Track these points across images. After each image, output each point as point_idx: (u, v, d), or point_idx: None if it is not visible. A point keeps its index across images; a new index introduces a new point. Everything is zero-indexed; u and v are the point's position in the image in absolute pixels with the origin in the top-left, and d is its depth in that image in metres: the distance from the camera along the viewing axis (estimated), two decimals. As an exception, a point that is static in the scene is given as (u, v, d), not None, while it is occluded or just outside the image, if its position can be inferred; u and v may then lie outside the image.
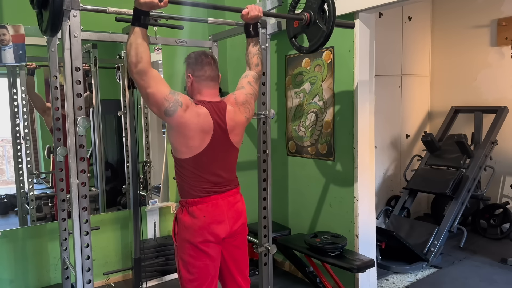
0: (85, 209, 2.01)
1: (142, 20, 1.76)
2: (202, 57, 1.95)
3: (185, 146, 1.86)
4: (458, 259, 3.72)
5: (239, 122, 2.00)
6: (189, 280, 1.93)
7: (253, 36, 2.15)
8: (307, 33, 2.29)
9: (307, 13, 2.23)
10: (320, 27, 2.18)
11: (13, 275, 3.09)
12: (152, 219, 3.63)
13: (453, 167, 4.09)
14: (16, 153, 3.29)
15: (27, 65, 3.20)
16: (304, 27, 2.27)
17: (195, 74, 1.94)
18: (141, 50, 1.73)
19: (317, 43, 2.20)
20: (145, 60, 1.73)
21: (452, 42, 4.81)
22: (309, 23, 2.23)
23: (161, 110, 1.78)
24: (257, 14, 2.04)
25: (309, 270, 3.04)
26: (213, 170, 1.93)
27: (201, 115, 1.85)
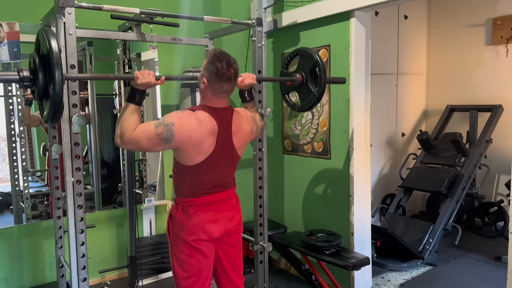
0: (80, 207, 2.01)
1: (138, 99, 1.82)
2: (224, 70, 1.83)
3: (198, 153, 1.85)
4: (453, 257, 3.74)
5: (244, 129, 2.01)
6: (183, 277, 1.94)
7: (248, 101, 2.21)
8: (299, 92, 2.41)
9: (299, 75, 2.34)
10: (311, 89, 2.29)
11: (8, 273, 3.08)
12: (148, 217, 3.63)
13: (448, 166, 4.11)
14: (11, 151, 3.27)
15: (25, 95, 3.20)
16: (296, 87, 2.38)
17: (211, 84, 1.86)
18: (125, 124, 1.76)
19: (308, 104, 2.34)
20: (129, 130, 1.75)
21: (447, 41, 4.83)
22: (301, 84, 2.34)
23: (163, 145, 1.79)
24: (251, 81, 2.11)
25: (305, 268, 3.06)
26: (214, 174, 1.93)
27: (202, 119, 1.84)
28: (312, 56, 2.28)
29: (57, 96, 1.58)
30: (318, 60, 2.24)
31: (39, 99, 1.72)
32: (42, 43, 1.61)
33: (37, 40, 1.70)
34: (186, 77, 2.77)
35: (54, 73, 1.55)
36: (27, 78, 1.64)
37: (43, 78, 1.63)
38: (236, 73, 1.90)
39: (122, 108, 1.84)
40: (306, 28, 3.18)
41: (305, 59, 2.33)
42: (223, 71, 1.83)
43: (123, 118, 1.77)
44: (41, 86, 1.64)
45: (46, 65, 1.61)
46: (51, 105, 1.61)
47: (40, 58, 1.63)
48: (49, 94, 1.62)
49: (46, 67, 1.61)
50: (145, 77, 1.79)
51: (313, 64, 2.26)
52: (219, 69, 1.83)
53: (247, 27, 2.62)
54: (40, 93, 1.67)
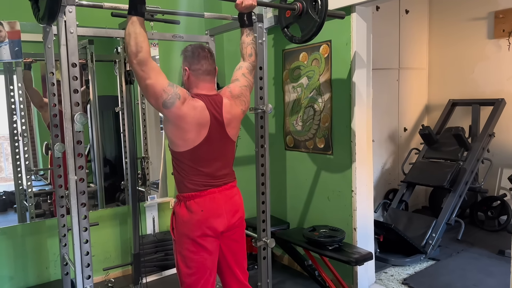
0: (84, 205, 2.01)
1: (139, 9, 1.75)
2: (199, 50, 1.94)
3: (181, 139, 1.87)
4: (456, 251, 3.74)
5: (235, 115, 2.00)
6: (187, 274, 1.94)
7: (247, 25, 2.15)
8: (300, 23, 2.29)
9: (299, 3, 2.24)
10: (312, 17, 2.19)
11: (13, 272, 3.09)
12: (151, 214, 3.64)
13: (451, 160, 4.10)
14: (14, 150, 3.28)
15: (23, 60, 3.19)
16: (296, 17, 2.28)
17: (191, 67, 1.93)
18: (141, 40, 1.72)
19: (309, 33, 2.22)
20: (145, 50, 1.72)
21: (449, 35, 4.81)
22: (301, 13, 2.24)
23: (159, 102, 1.78)
24: (251, 3, 2.06)
25: (308, 263, 3.06)
26: (210, 163, 1.94)
27: (197, 108, 1.85)
28: None
29: None
30: None
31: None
32: None
33: None
34: None
35: None
36: None
37: None
38: (211, 52, 1.98)
39: (127, 23, 1.76)
40: (307, 23, 3.16)
41: None
42: (198, 50, 1.94)
43: (134, 33, 1.71)
44: None
45: None
46: None
47: None
48: None
49: None
50: None
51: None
52: (194, 51, 1.94)
53: (248, 23, 2.60)
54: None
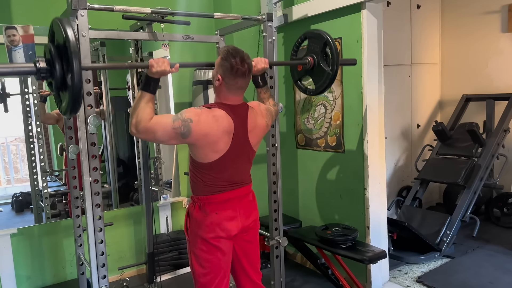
0: (98, 206, 2.04)
1: (152, 87, 1.81)
2: (238, 66, 1.84)
3: (213, 151, 1.86)
4: (471, 249, 3.70)
5: (260, 124, 2.01)
6: (202, 274, 1.96)
7: (261, 86, 2.21)
8: (312, 75, 2.36)
9: (310, 57, 2.29)
10: (324, 69, 2.24)
11: (30, 272, 3.15)
12: (164, 214, 3.67)
13: (465, 156, 4.05)
14: (30, 151, 3.34)
15: (40, 92, 3.26)
16: (308, 71, 2.34)
17: (225, 80, 1.87)
18: (140, 114, 1.75)
19: (323, 85, 2.28)
20: (144, 120, 1.74)
21: (462, 29, 4.74)
22: (313, 66, 2.29)
23: (179, 139, 1.80)
24: (264, 66, 2.12)
25: (321, 262, 3.05)
26: (229, 170, 1.94)
27: (219, 117, 1.84)
28: (321, 35, 2.23)
29: (76, 85, 1.52)
30: (328, 39, 2.19)
31: (56, 90, 1.66)
32: (57, 32, 1.56)
33: (51, 30, 1.63)
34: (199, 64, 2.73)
35: (72, 63, 1.49)
36: (44, 69, 1.57)
37: (60, 68, 1.56)
38: (250, 68, 1.90)
39: (136, 97, 1.82)
40: (317, 21, 3.16)
41: (314, 40, 2.28)
42: (237, 66, 1.84)
43: (138, 107, 1.76)
44: (58, 76, 1.57)
45: (62, 54, 1.55)
46: (70, 95, 1.57)
47: (56, 48, 1.57)
48: (67, 84, 1.56)
49: (63, 57, 1.55)
50: (160, 65, 1.78)
51: (323, 44, 2.21)
52: (233, 65, 1.84)
53: (257, 22, 2.61)
54: (58, 84, 1.61)
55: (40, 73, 1.58)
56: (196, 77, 3.47)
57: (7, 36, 2.84)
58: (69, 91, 1.57)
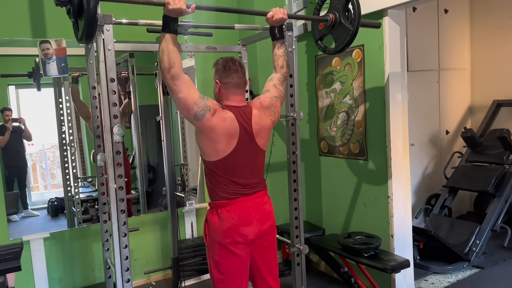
0: (123, 211, 2.11)
1: (172, 26, 1.84)
2: (230, 64, 1.99)
3: (212, 149, 1.94)
4: (502, 259, 3.58)
5: (265, 125, 2.05)
6: (220, 279, 2.00)
7: (278, 38, 2.19)
8: (333, 33, 2.29)
9: (331, 14, 2.23)
10: (345, 26, 2.18)
11: (62, 274, 3.29)
12: (189, 219, 3.74)
13: (496, 164, 3.93)
14: (63, 158, 3.50)
15: (71, 74, 3.40)
16: (329, 28, 2.28)
17: (222, 80, 1.99)
18: (173, 56, 1.81)
19: (343, 42, 2.21)
20: (177, 65, 1.81)
21: (492, 34, 4.61)
22: (334, 23, 2.24)
23: (190, 114, 1.86)
24: (282, 16, 2.09)
25: (344, 270, 3.04)
26: (240, 172, 1.99)
27: (227, 119, 1.91)
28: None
29: (91, 10, 1.65)
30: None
31: (74, 17, 1.78)
32: None
33: None
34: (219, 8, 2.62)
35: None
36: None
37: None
38: (241, 65, 2.04)
39: (161, 40, 1.85)
40: (339, 29, 3.16)
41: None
42: (229, 64, 1.99)
43: (167, 50, 1.80)
44: (75, 2, 1.70)
45: None
46: (86, 19, 1.68)
47: None
48: (84, 8, 1.68)
49: None
50: (176, 2, 1.78)
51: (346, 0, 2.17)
52: (225, 64, 1.99)
53: (278, 32, 2.63)
54: (75, 10, 1.73)
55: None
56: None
57: (41, 50, 3.01)
58: (84, 15, 1.69)
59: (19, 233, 3.19)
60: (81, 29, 1.77)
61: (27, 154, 3.54)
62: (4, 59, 3.21)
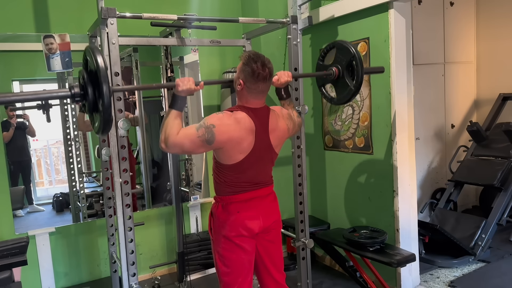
0: (128, 206, 2.12)
1: (179, 105, 1.89)
2: (260, 70, 1.88)
3: (239, 152, 1.92)
4: (508, 253, 3.56)
5: (281, 126, 2.05)
6: (225, 273, 2.00)
7: (285, 98, 2.23)
8: (335, 85, 2.39)
9: (335, 68, 2.32)
10: (347, 84, 2.27)
11: (68, 268, 3.30)
12: (194, 214, 3.75)
13: (502, 157, 3.90)
14: (68, 154, 3.51)
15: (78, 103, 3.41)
16: (333, 80, 2.37)
17: (247, 84, 1.91)
18: (168, 130, 1.84)
19: (345, 98, 2.34)
20: (172, 135, 1.82)
21: (498, 26, 4.56)
22: (337, 77, 2.32)
23: (205, 146, 1.86)
24: (287, 79, 2.15)
25: (349, 264, 3.03)
26: (251, 172, 1.98)
27: (240, 119, 1.89)
28: (349, 49, 2.25)
29: (106, 109, 1.66)
30: (355, 54, 2.21)
31: (89, 112, 1.80)
32: (90, 61, 1.70)
33: (84, 57, 1.77)
34: (223, 81, 2.83)
35: (102, 89, 1.63)
36: (77, 94, 1.71)
37: (92, 93, 1.70)
38: (271, 73, 1.94)
39: (165, 114, 1.91)
40: (344, 22, 3.14)
41: (342, 52, 2.30)
42: (259, 71, 1.88)
43: (166, 124, 1.85)
44: (91, 100, 1.71)
45: (94, 81, 1.68)
46: (101, 118, 1.71)
47: (89, 74, 1.71)
48: (99, 108, 1.70)
49: (95, 83, 1.68)
50: (185, 83, 1.86)
51: (350, 58, 2.24)
52: (255, 70, 1.88)
53: (282, 25, 2.63)
54: (90, 107, 1.75)
55: (74, 98, 1.72)
56: (222, 79, 3.53)
57: (45, 44, 3.01)
58: (100, 114, 1.71)
59: (25, 228, 3.20)
60: (97, 122, 1.78)
61: (31, 149, 3.55)
62: (8, 55, 3.21)
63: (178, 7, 3.43)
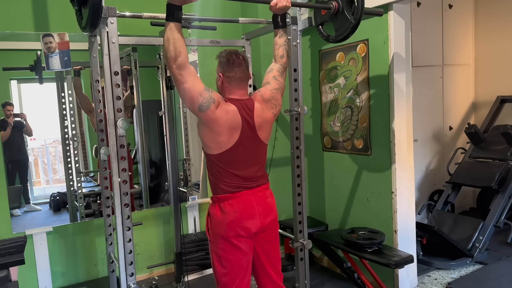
0: (127, 205, 2.11)
1: (176, 15, 1.81)
2: (234, 57, 1.97)
3: (214, 142, 1.93)
4: (505, 255, 3.57)
5: (267, 118, 2.04)
6: (223, 273, 1.99)
7: (280, 26, 2.17)
8: (334, 22, 2.28)
9: (335, 2, 2.22)
10: (347, 17, 2.17)
11: (65, 268, 3.29)
12: (192, 214, 3.74)
13: (499, 160, 3.92)
14: (65, 153, 3.49)
15: (73, 67, 3.38)
16: (331, 16, 2.27)
17: (225, 74, 1.98)
18: (179, 45, 1.78)
19: (344, 33, 2.22)
20: (183, 54, 1.78)
21: (497, 29, 4.58)
22: (336, 12, 2.22)
23: (195, 105, 1.84)
24: (286, 4, 2.07)
25: (347, 265, 3.03)
26: (242, 166, 1.98)
27: (230, 112, 1.91)
28: None
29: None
30: None
31: (78, 5, 1.74)
32: None
33: None
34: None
35: None
36: None
37: None
38: (245, 59, 2.01)
39: (165, 29, 1.82)
40: (343, 23, 3.14)
41: None
42: (233, 58, 1.97)
43: (173, 39, 1.76)
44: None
45: None
46: (90, 8, 1.65)
47: None
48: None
49: None
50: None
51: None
52: (229, 58, 1.97)
53: (282, 26, 2.62)
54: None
55: None
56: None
57: (44, 43, 2.99)
58: (89, 4, 1.66)
59: (22, 227, 3.19)
60: (85, 17, 1.75)
61: (29, 149, 3.53)
62: (7, 54, 3.19)
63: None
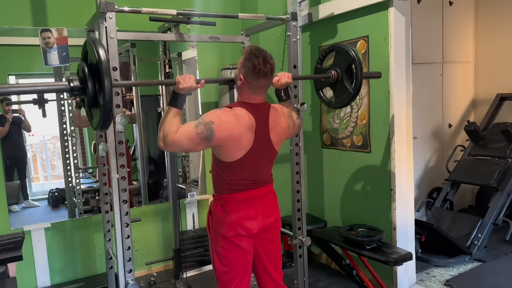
0: (125, 202, 2.11)
1: (179, 102, 1.85)
2: (261, 66, 1.85)
3: (238, 149, 1.89)
4: (503, 253, 3.57)
5: (280, 124, 2.02)
6: (223, 272, 1.99)
7: (284, 100, 2.21)
8: (334, 89, 2.38)
9: (334, 71, 2.31)
10: (346, 87, 2.26)
11: (63, 265, 3.29)
12: (191, 211, 3.74)
13: (499, 157, 3.92)
14: (64, 149, 3.48)
15: (75, 99, 3.38)
16: (331, 84, 2.37)
17: (248, 80, 1.88)
18: (167, 128, 1.79)
19: (343, 102, 2.34)
20: (171, 132, 1.79)
21: (497, 26, 4.57)
22: (336, 81, 2.31)
23: (204, 143, 1.83)
24: (287, 80, 2.13)
25: (346, 262, 3.03)
26: (251, 170, 1.96)
27: (240, 115, 1.86)
28: (348, 53, 2.24)
29: (107, 104, 1.59)
30: (355, 57, 2.20)
31: (88, 107, 1.73)
32: (90, 52, 1.63)
33: (84, 49, 1.70)
34: (224, 79, 2.82)
35: (104, 82, 1.55)
36: (77, 87, 1.63)
37: (92, 87, 1.62)
38: (272, 69, 1.91)
39: (164, 112, 1.87)
40: (343, 19, 3.13)
41: (341, 55, 2.30)
42: (260, 67, 1.85)
43: (165, 122, 1.81)
44: (90, 94, 1.63)
45: (95, 74, 1.61)
46: (102, 114, 1.63)
47: (89, 67, 1.64)
48: (99, 102, 1.62)
49: (95, 77, 1.61)
50: (186, 81, 1.83)
51: (350, 62, 2.23)
52: (256, 65, 1.84)
53: (282, 22, 2.62)
54: (89, 102, 1.67)
55: (74, 91, 1.65)
56: (223, 77, 3.52)
57: (42, 39, 2.98)
58: (100, 109, 1.63)
59: (20, 223, 3.18)
60: (96, 118, 1.70)
61: (27, 145, 3.53)
62: (4, 49, 3.18)
63: (177, 2, 3.40)
